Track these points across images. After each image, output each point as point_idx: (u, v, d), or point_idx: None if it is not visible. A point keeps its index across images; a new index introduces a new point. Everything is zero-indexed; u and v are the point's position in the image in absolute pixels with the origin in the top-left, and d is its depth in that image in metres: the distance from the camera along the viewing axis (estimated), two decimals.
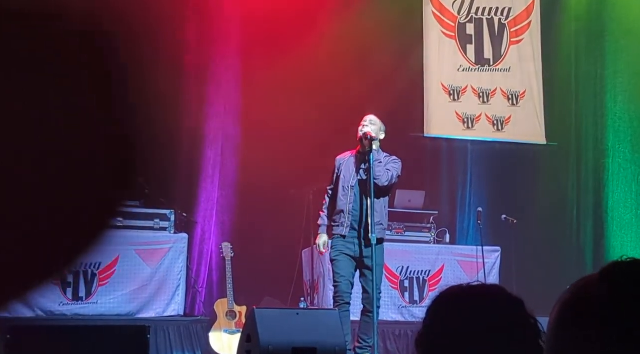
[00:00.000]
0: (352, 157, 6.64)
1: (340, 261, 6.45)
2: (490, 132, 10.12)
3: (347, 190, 6.51)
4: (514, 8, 10.38)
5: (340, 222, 6.51)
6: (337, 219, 6.56)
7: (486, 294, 1.49)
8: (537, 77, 10.32)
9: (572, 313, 1.30)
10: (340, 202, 6.54)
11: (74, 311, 7.43)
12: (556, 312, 1.33)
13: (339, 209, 6.54)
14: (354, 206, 6.50)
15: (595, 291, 1.30)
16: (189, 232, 8.29)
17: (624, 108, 10.41)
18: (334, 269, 6.57)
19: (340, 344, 5.85)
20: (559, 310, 1.32)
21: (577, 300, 1.31)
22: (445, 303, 1.50)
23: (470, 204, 10.01)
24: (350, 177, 6.53)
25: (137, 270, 7.68)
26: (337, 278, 6.46)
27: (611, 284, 1.28)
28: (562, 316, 1.32)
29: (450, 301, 1.50)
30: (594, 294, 1.29)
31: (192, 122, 9.08)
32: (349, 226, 6.47)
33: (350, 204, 6.50)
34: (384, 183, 6.47)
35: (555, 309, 1.34)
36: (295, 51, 9.27)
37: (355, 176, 6.53)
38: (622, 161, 10.31)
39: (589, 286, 1.32)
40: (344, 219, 6.49)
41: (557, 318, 1.32)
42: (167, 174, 8.78)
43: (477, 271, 8.52)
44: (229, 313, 7.62)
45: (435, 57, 10.10)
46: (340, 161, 6.68)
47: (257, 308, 6.00)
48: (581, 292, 1.32)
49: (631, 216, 10.16)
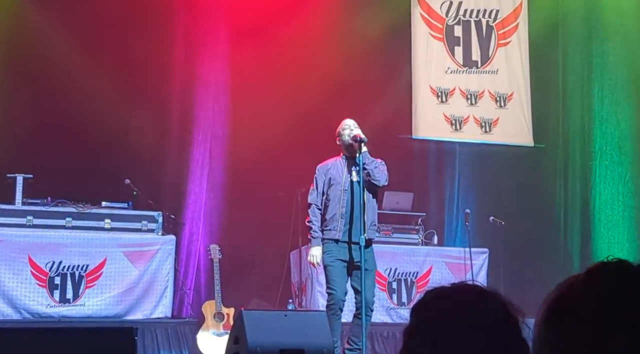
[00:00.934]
0: (337, 161, 6.61)
1: (335, 268, 6.40)
2: (478, 134, 10.14)
3: (339, 193, 6.49)
4: (501, 10, 10.41)
5: (333, 227, 6.45)
6: (330, 224, 6.48)
7: (467, 293, 1.50)
8: (525, 79, 10.35)
9: (557, 312, 1.31)
10: (333, 208, 6.48)
11: (61, 313, 7.40)
12: (542, 311, 1.33)
13: (332, 214, 6.48)
14: (347, 210, 6.47)
15: (580, 290, 1.30)
16: (176, 234, 8.28)
17: (611, 110, 10.46)
18: (329, 275, 6.43)
19: (328, 345, 5.85)
20: (544, 309, 1.33)
21: (562, 299, 1.32)
22: (426, 306, 1.51)
23: (458, 206, 10.03)
24: (342, 181, 6.52)
25: (124, 272, 7.65)
26: (333, 286, 6.38)
27: (597, 284, 1.29)
28: (547, 315, 1.32)
29: (432, 303, 1.50)
30: (579, 294, 1.30)
31: (180, 124, 9.08)
32: (341, 230, 6.44)
33: (343, 208, 6.47)
34: (384, 183, 6.54)
35: (541, 309, 1.34)
36: (284, 52, 9.28)
37: (347, 179, 6.51)
38: (609, 162, 10.36)
39: (574, 285, 1.33)
40: (336, 223, 6.45)
41: (543, 317, 1.33)
42: (155, 176, 8.78)
43: (465, 273, 8.53)
44: (217, 315, 7.61)
45: (423, 59, 10.12)
46: (326, 168, 6.60)
47: (245, 310, 6.00)
48: (566, 291, 1.32)
49: (618, 218, 10.20)
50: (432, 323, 1.46)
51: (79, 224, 7.73)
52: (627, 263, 1.32)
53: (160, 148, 9.00)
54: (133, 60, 8.72)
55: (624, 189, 10.28)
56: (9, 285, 7.28)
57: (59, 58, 8.63)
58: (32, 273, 7.37)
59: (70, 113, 8.50)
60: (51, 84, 8.60)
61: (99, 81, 8.57)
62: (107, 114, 8.51)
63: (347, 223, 6.43)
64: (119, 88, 8.69)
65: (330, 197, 6.51)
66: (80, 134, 8.48)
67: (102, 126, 8.49)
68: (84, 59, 8.69)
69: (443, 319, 1.45)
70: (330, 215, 6.49)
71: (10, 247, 7.34)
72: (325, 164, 6.66)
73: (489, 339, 1.42)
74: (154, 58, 8.94)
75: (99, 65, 8.65)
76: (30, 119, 8.42)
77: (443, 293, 1.50)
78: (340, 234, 6.42)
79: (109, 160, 8.54)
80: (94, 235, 7.66)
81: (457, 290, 1.51)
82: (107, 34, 8.75)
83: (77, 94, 8.59)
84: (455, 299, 1.48)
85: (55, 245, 7.48)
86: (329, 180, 6.55)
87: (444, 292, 1.51)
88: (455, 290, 1.51)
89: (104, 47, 8.76)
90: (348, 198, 6.47)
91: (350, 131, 6.51)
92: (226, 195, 9.11)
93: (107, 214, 7.85)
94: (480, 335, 1.41)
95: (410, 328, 1.49)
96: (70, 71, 8.60)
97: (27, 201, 7.64)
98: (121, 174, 8.20)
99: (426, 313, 1.49)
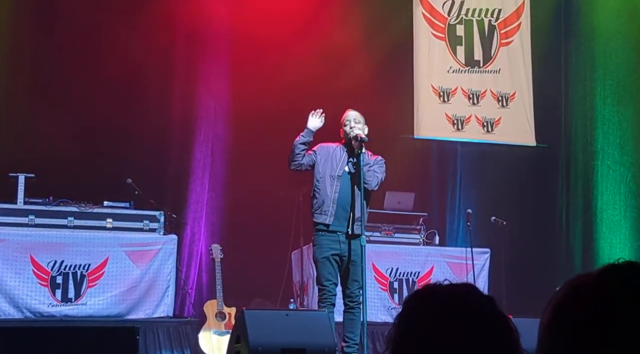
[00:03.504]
0: (339, 148, 6.56)
1: (327, 263, 6.38)
2: (480, 133, 10.13)
3: (333, 179, 6.43)
4: (504, 9, 10.39)
5: (324, 211, 6.37)
6: (320, 207, 6.40)
7: (455, 293, 1.49)
8: (527, 79, 10.34)
9: (568, 314, 1.30)
10: (325, 190, 6.39)
11: (63, 313, 7.41)
12: (550, 313, 1.32)
13: (322, 197, 6.40)
14: (340, 196, 6.42)
15: (592, 292, 1.29)
16: (178, 234, 8.28)
17: (613, 110, 10.45)
18: (320, 270, 6.39)
19: (329, 345, 5.85)
20: (553, 311, 1.32)
21: (573, 301, 1.31)
22: (414, 305, 1.50)
23: (459, 206, 10.03)
24: (337, 167, 6.46)
25: (126, 271, 7.66)
26: (324, 281, 6.35)
27: (610, 285, 1.28)
28: (557, 317, 1.31)
29: (420, 302, 1.50)
30: (591, 296, 1.29)
31: (181, 123, 9.08)
32: (332, 214, 6.37)
33: (335, 193, 6.39)
34: (374, 187, 6.50)
35: (548, 309, 1.33)
36: (285, 51, 9.28)
37: (342, 166, 6.47)
38: (611, 162, 10.35)
39: (585, 287, 1.32)
40: (327, 207, 6.37)
41: (552, 318, 1.32)
42: (156, 176, 8.78)
43: (466, 273, 8.53)
44: (219, 314, 7.61)
45: (425, 59, 10.11)
46: (324, 149, 6.55)
47: (247, 309, 5.99)
48: (577, 293, 1.32)
49: (620, 218, 10.19)
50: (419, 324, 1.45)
51: (80, 223, 7.73)
52: (638, 265, 1.32)
53: (162, 148, 9.00)
54: (135, 60, 8.72)
55: (626, 189, 10.27)
56: (11, 284, 7.29)
57: (60, 59, 8.64)
58: (34, 272, 7.37)
59: (72, 113, 8.51)
60: (53, 84, 8.61)
61: (101, 81, 8.57)
62: (108, 114, 8.51)
63: (340, 210, 6.39)
64: (121, 87, 8.70)
65: (322, 181, 6.44)
66: (82, 134, 8.49)
67: (104, 125, 8.49)
68: (86, 59, 8.70)
69: (431, 319, 1.44)
70: (321, 199, 6.42)
71: (12, 247, 7.34)
72: (328, 144, 6.62)
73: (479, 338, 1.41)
74: (155, 58, 8.94)
75: (100, 65, 8.65)
76: (32, 119, 8.43)
77: (429, 293, 1.50)
78: (331, 219, 6.37)
79: (111, 159, 8.54)
80: (95, 234, 7.67)
81: (444, 290, 1.50)
82: (108, 34, 8.75)
83: (79, 93, 8.60)
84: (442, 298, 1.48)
85: (57, 244, 7.49)
86: (325, 161, 6.48)
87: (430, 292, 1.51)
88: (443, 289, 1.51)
89: (105, 47, 8.75)
90: (341, 186, 6.42)
91: (350, 129, 6.50)
92: (228, 195, 9.11)
93: (109, 214, 7.85)
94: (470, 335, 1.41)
95: (396, 330, 1.48)
96: (72, 71, 8.60)
97: (29, 200, 7.65)
98: (123, 173, 8.21)
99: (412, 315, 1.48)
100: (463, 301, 1.46)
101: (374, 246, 8.18)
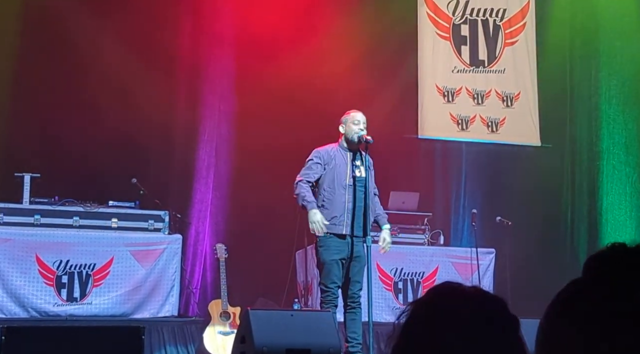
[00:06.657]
0: (339, 152, 6.57)
1: (335, 266, 6.39)
2: (485, 133, 10.13)
3: (344, 189, 6.47)
4: (508, 9, 10.39)
5: (339, 221, 6.40)
6: (333, 218, 6.41)
7: (465, 296, 1.47)
8: (532, 79, 10.33)
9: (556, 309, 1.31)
10: (337, 202, 6.42)
11: (69, 312, 7.42)
12: (545, 310, 1.33)
13: (335, 209, 6.42)
14: (354, 205, 6.44)
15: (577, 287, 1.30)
16: (183, 233, 8.29)
17: (618, 110, 10.44)
18: (326, 272, 6.39)
19: (334, 345, 5.85)
20: (547, 308, 1.33)
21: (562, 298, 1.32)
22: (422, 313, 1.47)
23: (464, 206, 10.02)
24: (345, 175, 6.49)
25: (131, 271, 7.67)
26: (329, 284, 6.36)
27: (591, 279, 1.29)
28: (548, 313, 1.32)
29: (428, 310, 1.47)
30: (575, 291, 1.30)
31: (186, 123, 9.09)
32: (349, 224, 6.42)
33: (349, 203, 6.44)
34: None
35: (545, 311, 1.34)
36: (290, 52, 9.27)
37: (349, 173, 6.50)
38: (617, 162, 10.33)
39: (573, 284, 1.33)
40: (342, 218, 6.40)
41: (544, 315, 1.33)
42: (161, 175, 8.79)
43: (471, 273, 8.53)
44: (223, 314, 7.62)
45: (430, 59, 10.10)
46: (328, 155, 6.53)
47: (252, 309, 6.00)
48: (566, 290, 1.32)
49: (625, 218, 10.18)
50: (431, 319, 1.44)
51: (86, 223, 7.75)
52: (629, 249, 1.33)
53: (167, 147, 9.01)
54: (139, 60, 8.73)
55: (631, 189, 10.26)
56: (17, 284, 7.31)
57: (65, 60, 8.65)
58: (40, 272, 7.39)
59: (78, 113, 8.51)
60: (58, 85, 8.62)
61: (105, 81, 8.59)
62: (113, 113, 8.52)
63: (352, 219, 6.42)
64: (125, 87, 8.70)
65: (331, 192, 6.46)
66: (87, 134, 8.49)
67: (109, 125, 8.50)
68: (91, 59, 8.71)
69: (437, 325, 1.42)
70: (333, 211, 6.42)
71: (17, 246, 7.36)
72: (325, 149, 6.61)
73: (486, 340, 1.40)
74: (160, 58, 8.95)
75: (105, 65, 8.66)
76: (38, 119, 8.45)
77: (437, 299, 1.47)
78: (347, 229, 6.41)
79: (116, 159, 8.55)
80: (101, 234, 7.69)
81: (453, 293, 1.48)
82: (113, 34, 8.76)
83: (84, 93, 8.61)
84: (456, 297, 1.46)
85: (62, 244, 7.51)
86: (331, 169, 6.49)
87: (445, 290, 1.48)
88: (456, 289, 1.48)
89: (110, 46, 8.77)
90: (351, 194, 6.45)
91: (360, 130, 6.52)
92: (232, 194, 9.11)
93: (114, 214, 7.87)
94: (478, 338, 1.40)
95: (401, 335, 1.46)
96: (77, 72, 8.62)
97: (35, 200, 7.67)
98: (128, 173, 8.22)
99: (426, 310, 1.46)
100: (476, 315, 1.42)
101: (378, 246, 8.16)
